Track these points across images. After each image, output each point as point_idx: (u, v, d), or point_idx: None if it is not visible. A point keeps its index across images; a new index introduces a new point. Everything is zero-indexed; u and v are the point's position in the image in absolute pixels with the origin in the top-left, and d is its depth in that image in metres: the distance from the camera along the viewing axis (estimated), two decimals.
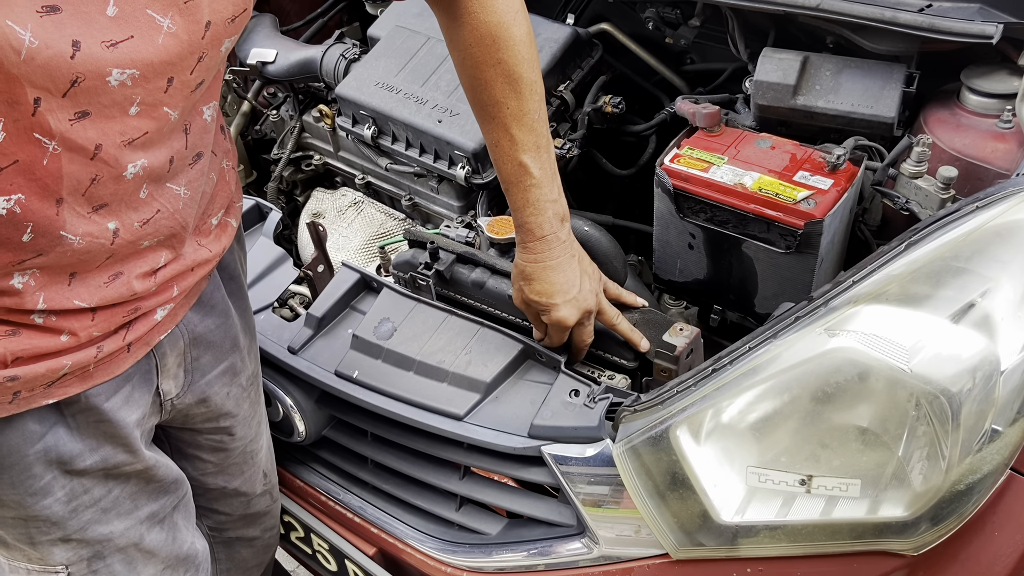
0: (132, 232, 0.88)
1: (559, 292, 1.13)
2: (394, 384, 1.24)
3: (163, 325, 1.01)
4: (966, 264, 1.00)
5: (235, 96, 1.91)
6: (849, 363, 0.98)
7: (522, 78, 1.07)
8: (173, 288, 0.99)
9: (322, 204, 1.84)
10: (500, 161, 1.12)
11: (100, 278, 0.89)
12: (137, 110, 0.79)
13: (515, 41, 1.07)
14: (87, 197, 0.81)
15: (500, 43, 1.06)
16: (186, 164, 0.91)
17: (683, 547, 1.06)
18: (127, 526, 1.08)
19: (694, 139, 1.41)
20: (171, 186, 0.90)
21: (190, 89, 0.84)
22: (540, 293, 1.14)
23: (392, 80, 1.66)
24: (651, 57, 1.73)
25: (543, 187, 1.11)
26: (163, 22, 0.76)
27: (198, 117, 0.91)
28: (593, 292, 1.17)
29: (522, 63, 1.07)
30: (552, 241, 1.13)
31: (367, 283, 1.37)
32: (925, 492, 0.97)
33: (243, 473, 1.29)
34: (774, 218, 1.27)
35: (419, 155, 1.62)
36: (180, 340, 1.06)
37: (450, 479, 1.26)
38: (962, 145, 1.31)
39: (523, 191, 1.12)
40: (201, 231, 1.03)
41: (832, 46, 1.48)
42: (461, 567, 1.25)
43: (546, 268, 1.13)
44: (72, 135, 0.75)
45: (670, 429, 1.03)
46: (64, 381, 0.93)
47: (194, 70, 0.82)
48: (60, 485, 0.99)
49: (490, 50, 1.06)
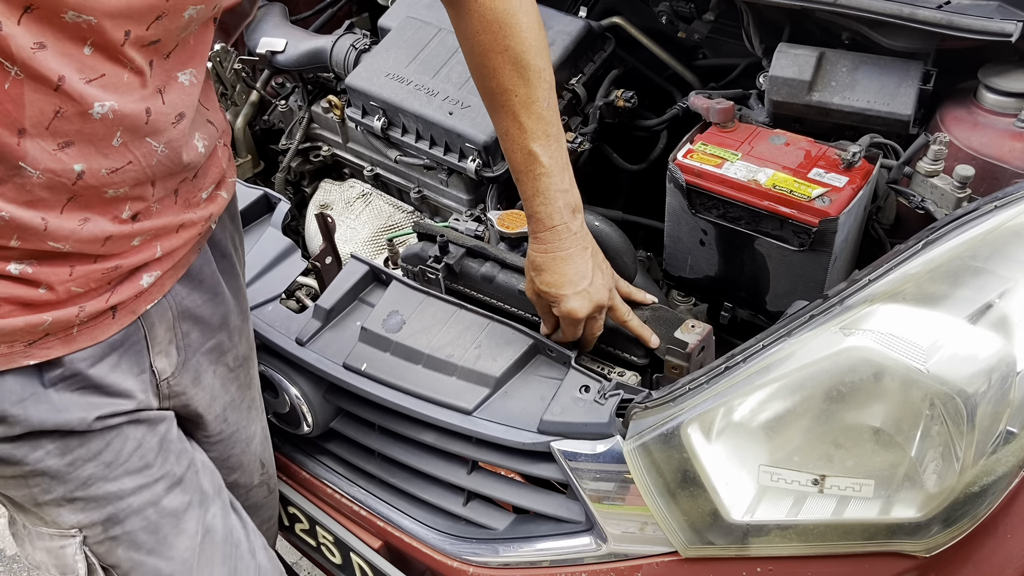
0: (98, 178, 0.87)
1: (569, 283, 1.12)
2: (402, 377, 1.23)
3: (150, 293, 0.99)
4: (984, 264, 0.99)
5: (244, 85, 1.90)
6: (864, 362, 0.97)
7: (530, 65, 1.07)
8: (156, 247, 0.97)
9: (330, 195, 1.84)
10: (510, 150, 1.12)
11: (72, 220, 0.88)
12: (91, 51, 0.80)
13: (522, 28, 1.06)
14: (51, 131, 0.81)
15: (507, 30, 1.06)
16: (168, 123, 0.90)
17: (693, 545, 1.06)
18: (138, 484, 1.03)
19: (707, 134, 1.40)
20: (150, 141, 0.90)
21: (142, 44, 0.84)
22: (550, 284, 1.13)
23: (403, 71, 1.65)
24: (663, 51, 1.72)
25: (553, 176, 1.11)
26: None
27: (173, 82, 0.91)
28: (606, 287, 1.16)
29: (530, 50, 1.07)
30: (563, 231, 1.12)
31: (376, 275, 1.37)
32: (938, 493, 0.96)
33: (240, 464, 1.27)
34: (788, 215, 1.26)
35: (429, 147, 1.61)
36: (168, 311, 1.04)
37: (458, 473, 1.26)
38: (979, 144, 1.30)
39: (532, 180, 1.11)
40: (190, 203, 1.01)
41: (848, 42, 1.47)
42: (468, 562, 1.24)
43: (556, 259, 1.13)
44: (34, 63, 0.76)
45: (681, 426, 1.02)
46: (46, 342, 0.91)
47: (150, 27, 0.82)
48: (49, 438, 0.96)
49: (497, 37, 1.06)
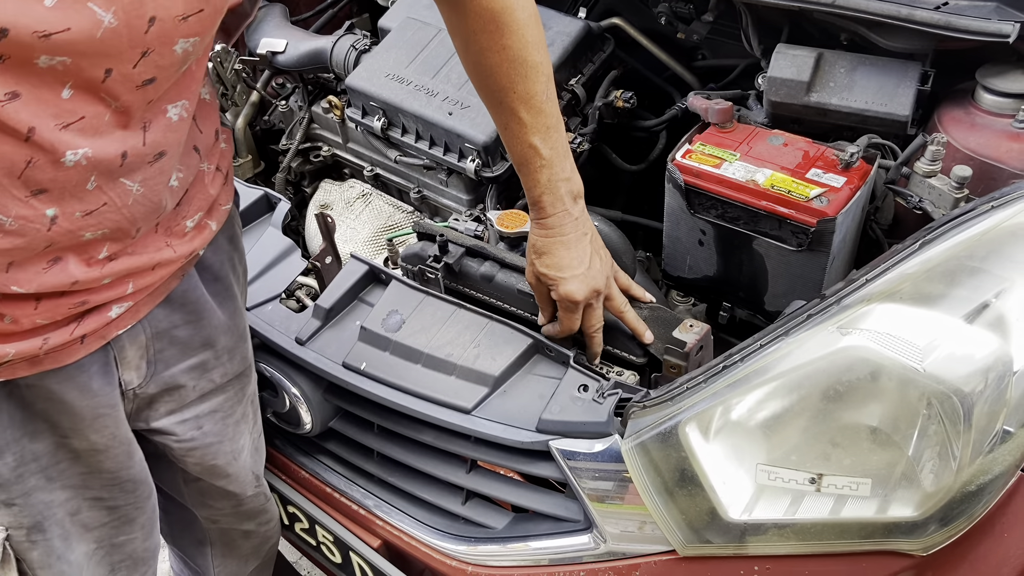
0: (73, 221, 0.86)
1: (568, 266, 1.14)
2: (402, 376, 1.23)
3: (121, 321, 1.00)
4: (981, 264, 0.99)
5: (244, 86, 1.91)
6: (861, 362, 0.97)
7: (527, 61, 1.08)
8: (128, 285, 0.97)
9: (330, 195, 1.84)
10: (511, 144, 1.14)
11: (39, 264, 0.88)
12: (70, 93, 0.79)
13: (520, 25, 1.07)
14: (23, 180, 0.80)
15: (505, 28, 1.06)
16: (144, 162, 0.89)
17: (691, 544, 1.06)
18: (68, 497, 1.07)
19: (706, 135, 1.40)
20: (124, 181, 0.88)
21: (135, 84, 0.82)
22: (549, 266, 1.15)
23: (402, 72, 1.65)
24: (663, 52, 1.72)
25: (554, 167, 1.13)
26: (104, 16, 0.76)
27: (161, 116, 0.89)
28: (604, 274, 1.18)
29: (528, 46, 1.08)
30: (564, 217, 1.15)
31: (376, 275, 1.37)
32: (935, 492, 0.96)
33: (228, 474, 1.27)
34: (786, 215, 1.26)
35: (429, 147, 1.62)
36: (141, 334, 1.05)
37: (457, 472, 1.26)
38: (976, 144, 1.30)
39: (534, 172, 1.13)
40: (173, 232, 1.01)
41: (846, 43, 1.47)
42: (467, 561, 1.25)
43: (557, 243, 1.15)
44: (2, 116, 0.75)
45: (679, 425, 1.03)
46: (10, 365, 0.92)
47: (138, 64, 0.81)
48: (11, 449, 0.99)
49: (495, 36, 1.06)
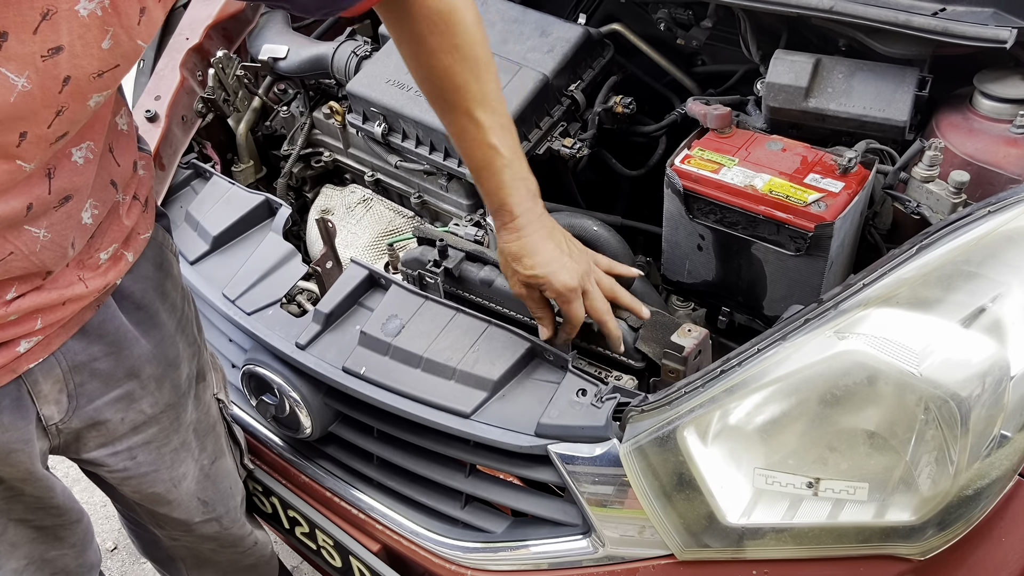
0: None
1: (553, 259, 1.13)
2: (401, 381, 1.24)
3: (31, 355, 0.98)
4: (977, 268, 1.00)
5: (246, 92, 1.92)
6: (858, 366, 0.97)
7: (479, 60, 1.07)
8: (37, 320, 0.96)
9: (331, 201, 1.85)
10: (469, 148, 1.12)
11: None
12: None
13: (468, 23, 1.06)
14: None
15: (455, 28, 1.06)
16: (49, 208, 0.88)
17: (689, 548, 1.06)
18: None
19: (705, 140, 1.41)
20: (29, 228, 0.87)
21: (49, 142, 0.82)
22: (535, 266, 1.13)
23: (403, 77, 1.66)
24: (662, 58, 1.73)
25: (514, 166, 1.12)
26: (17, 81, 0.75)
27: (65, 160, 0.88)
28: (584, 254, 1.17)
29: (477, 45, 1.07)
30: (531, 216, 1.13)
31: (375, 280, 1.38)
32: (933, 497, 0.96)
33: (169, 501, 1.27)
34: (784, 220, 1.27)
35: (429, 153, 1.62)
36: (56, 367, 1.03)
37: (456, 477, 1.27)
38: (974, 150, 1.30)
39: (495, 173, 1.11)
40: (86, 265, 1.00)
41: (844, 49, 1.48)
42: (466, 565, 1.25)
43: (532, 242, 1.13)
44: None
45: (677, 430, 1.03)
46: None
47: (52, 124, 0.80)
48: None
49: (445, 36, 1.06)
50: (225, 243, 1.54)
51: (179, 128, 1.76)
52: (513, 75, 1.59)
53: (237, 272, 1.47)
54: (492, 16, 1.71)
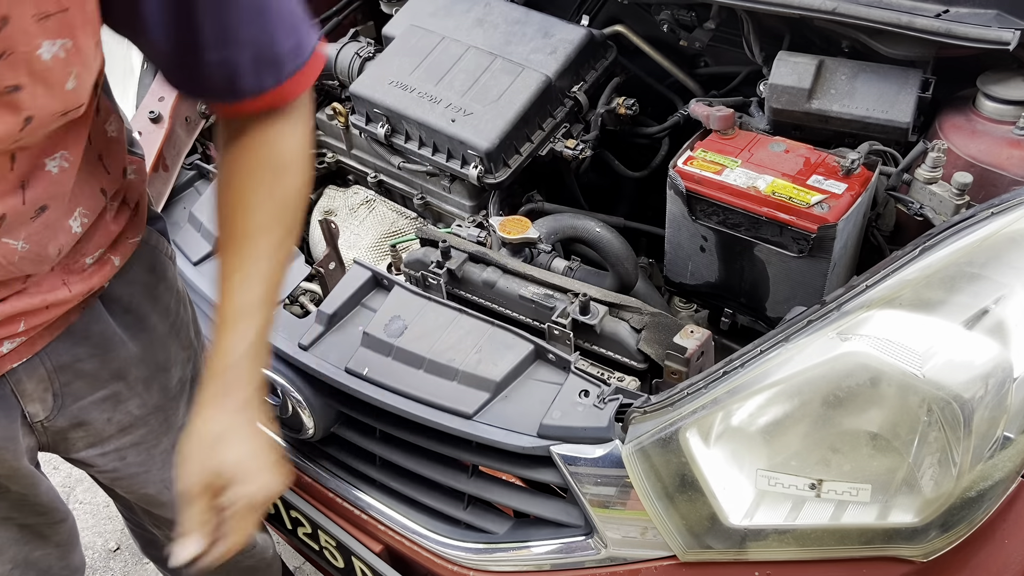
0: None
1: (263, 456, 0.95)
2: (404, 382, 1.24)
3: (15, 355, 0.98)
4: (980, 270, 1.00)
5: None
6: (861, 368, 0.97)
7: (294, 213, 0.96)
8: (20, 323, 0.96)
9: (334, 202, 1.85)
10: (241, 288, 0.93)
11: None
12: None
13: (297, 181, 0.95)
14: None
15: (286, 176, 0.95)
16: (25, 219, 0.87)
17: (691, 549, 1.06)
18: None
19: (707, 142, 1.41)
20: (7, 240, 0.87)
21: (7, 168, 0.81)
22: (239, 461, 0.92)
23: (406, 79, 1.66)
24: (665, 59, 1.73)
25: (271, 323, 0.97)
26: None
27: (39, 171, 0.86)
28: None
29: (298, 198, 0.96)
30: (256, 400, 0.96)
31: (378, 281, 1.38)
32: (935, 498, 0.96)
33: (163, 502, 1.27)
34: (787, 222, 1.27)
35: (432, 154, 1.63)
36: (40, 367, 1.03)
37: (458, 477, 1.27)
38: (977, 151, 1.30)
39: (246, 334, 0.93)
40: (71, 269, 0.99)
41: (847, 50, 1.48)
42: (468, 566, 1.25)
43: (249, 429, 0.94)
44: None
45: (680, 431, 1.03)
46: None
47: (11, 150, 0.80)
48: None
49: (274, 179, 0.94)
50: None
51: (183, 129, 1.77)
52: (516, 76, 1.59)
53: None
54: (496, 17, 1.72)
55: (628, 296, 1.31)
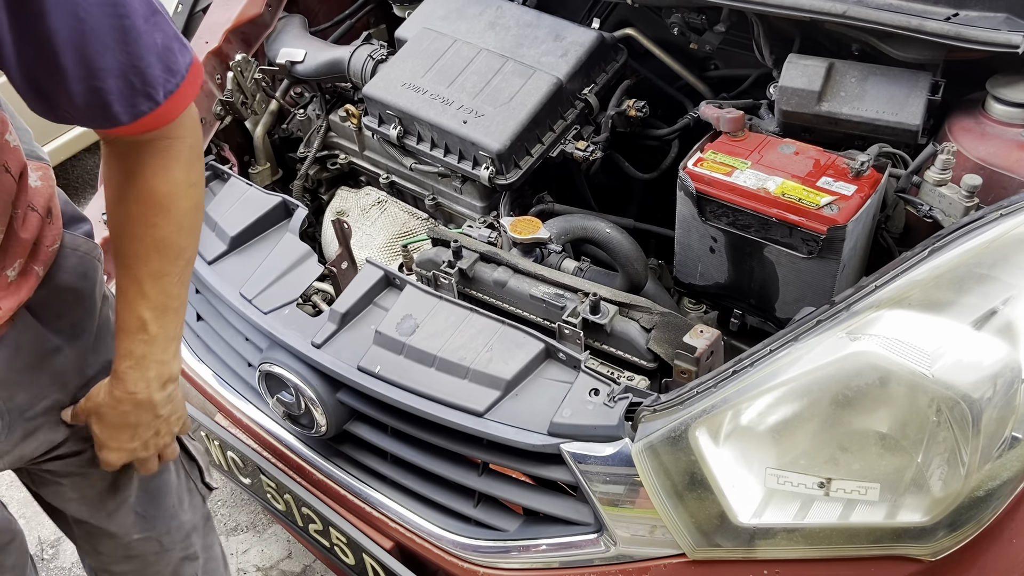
0: None
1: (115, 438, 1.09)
2: (415, 380, 1.25)
3: None
4: (989, 271, 1.00)
5: (264, 95, 1.94)
6: (870, 367, 0.98)
7: (172, 245, 1.02)
8: None
9: (346, 203, 1.87)
10: (121, 308, 1.05)
11: None
12: None
13: (178, 211, 1.01)
14: None
15: (161, 211, 0.99)
16: None
17: (700, 548, 1.07)
18: None
19: (718, 143, 1.42)
20: None
21: None
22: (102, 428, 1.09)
23: (418, 81, 1.68)
24: (675, 62, 1.74)
25: (155, 345, 1.05)
26: None
27: None
28: None
29: (177, 231, 1.02)
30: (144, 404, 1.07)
31: (390, 280, 1.39)
32: (944, 498, 0.97)
33: (104, 507, 1.24)
34: (797, 223, 1.27)
35: (443, 155, 1.64)
36: None
37: (468, 475, 1.27)
38: (987, 154, 1.31)
39: (130, 341, 1.04)
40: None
41: (857, 53, 1.49)
42: (478, 563, 1.26)
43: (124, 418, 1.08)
44: None
45: (689, 429, 1.04)
46: None
47: None
48: None
49: (148, 213, 0.99)
50: (242, 243, 1.56)
51: None
52: (527, 78, 1.60)
53: (254, 272, 1.49)
54: (507, 20, 1.73)
55: (638, 296, 1.32)
